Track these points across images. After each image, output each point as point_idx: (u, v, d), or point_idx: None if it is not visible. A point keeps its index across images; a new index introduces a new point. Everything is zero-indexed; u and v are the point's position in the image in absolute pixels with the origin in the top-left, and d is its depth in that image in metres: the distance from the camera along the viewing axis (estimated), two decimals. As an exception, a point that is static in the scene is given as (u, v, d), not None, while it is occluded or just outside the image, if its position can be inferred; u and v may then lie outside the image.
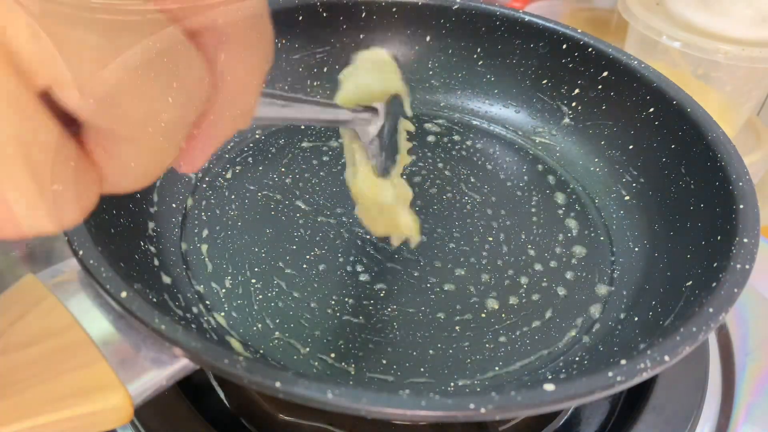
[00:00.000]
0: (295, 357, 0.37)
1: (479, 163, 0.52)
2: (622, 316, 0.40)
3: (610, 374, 0.28)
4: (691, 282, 0.37)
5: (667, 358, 0.29)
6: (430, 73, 0.57)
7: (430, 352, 0.38)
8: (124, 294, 0.28)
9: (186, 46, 0.19)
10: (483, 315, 0.41)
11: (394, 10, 0.55)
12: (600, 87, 0.51)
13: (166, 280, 0.38)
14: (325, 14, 0.53)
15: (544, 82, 0.54)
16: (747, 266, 0.34)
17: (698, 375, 0.42)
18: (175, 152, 0.20)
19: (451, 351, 0.38)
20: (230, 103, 0.21)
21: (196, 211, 0.45)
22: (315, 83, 0.55)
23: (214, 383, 0.41)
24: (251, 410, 0.40)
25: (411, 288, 0.42)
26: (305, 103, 0.33)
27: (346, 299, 0.41)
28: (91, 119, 0.18)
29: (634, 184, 0.48)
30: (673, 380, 0.41)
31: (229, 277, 0.41)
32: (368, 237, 0.45)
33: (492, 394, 0.26)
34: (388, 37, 0.56)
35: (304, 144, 0.52)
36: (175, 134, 0.20)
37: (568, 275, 0.43)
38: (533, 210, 0.48)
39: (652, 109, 0.47)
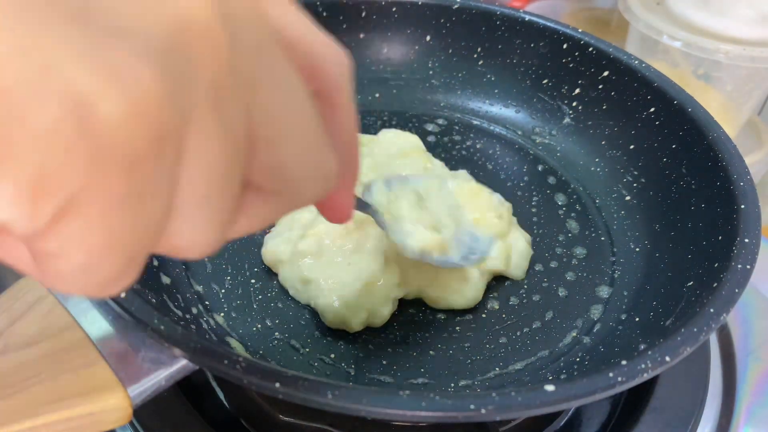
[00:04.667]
0: (295, 357, 0.37)
1: (479, 163, 0.52)
2: (622, 316, 0.40)
3: (611, 375, 0.28)
4: (692, 282, 0.37)
5: (667, 358, 0.29)
6: (430, 73, 0.56)
7: (431, 352, 0.38)
8: (123, 294, 0.28)
9: None
10: (483, 315, 0.41)
11: (394, 10, 0.55)
12: (601, 87, 0.51)
13: (166, 280, 0.38)
14: (325, 14, 0.53)
15: (545, 81, 0.54)
16: (748, 266, 0.34)
17: (699, 375, 0.42)
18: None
19: (451, 351, 0.38)
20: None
21: (196, 211, 0.45)
22: (315, 83, 0.55)
23: (214, 384, 0.41)
24: (251, 411, 0.39)
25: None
26: None
27: (346, 299, 0.41)
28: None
29: (634, 184, 0.48)
30: (674, 381, 0.41)
31: (229, 278, 0.41)
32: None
33: (492, 394, 0.26)
34: (388, 37, 0.56)
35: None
36: None
37: (569, 276, 0.43)
38: (534, 210, 0.48)
39: (652, 109, 0.47)
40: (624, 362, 0.29)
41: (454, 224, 0.39)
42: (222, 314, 0.39)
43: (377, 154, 0.48)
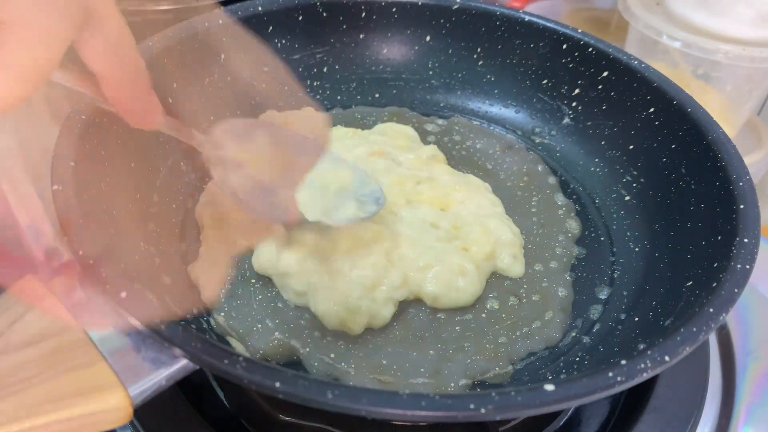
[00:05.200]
0: (295, 357, 0.37)
1: (479, 163, 0.52)
2: (622, 316, 0.40)
3: (611, 374, 0.28)
4: (691, 282, 0.37)
5: (667, 358, 0.29)
6: (430, 73, 0.57)
7: (430, 352, 0.38)
8: (124, 294, 0.28)
9: None
10: (483, 315, 0.41)
11: (394, 10, 0.55)
12: (600, 87, 0.51)
13: (166, 280, 0.38)
14: (325, 14, 0.53)
15: (545, 82, 0.54)
16: (747, 266, 0.34)
17: (699, 375, 0.42)
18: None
19: (451, 351, 0.38)
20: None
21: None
22: (315, 83, 0.55)
23: (214, 384, 0.41)
24: (251, 411, 0.39)
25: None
26: None
27: (346, 299, 0.41)
28: None
29: (634, 185, 0.48)
30: (674, 381, 0.41)
31: (229, 278, 0.41)
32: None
33: (492, 394, 0.26)
34: (388, 37, 0.56)
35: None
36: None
37: (569, 276, 0.43)
38: (533, 210, 0.48)
39: (652, 109, 0.47)
40: (624, 362, 0.29)
41: (350, 198, 0.43)
42: (222, 314, 0.39)
43: (373, 141, 0.49)
